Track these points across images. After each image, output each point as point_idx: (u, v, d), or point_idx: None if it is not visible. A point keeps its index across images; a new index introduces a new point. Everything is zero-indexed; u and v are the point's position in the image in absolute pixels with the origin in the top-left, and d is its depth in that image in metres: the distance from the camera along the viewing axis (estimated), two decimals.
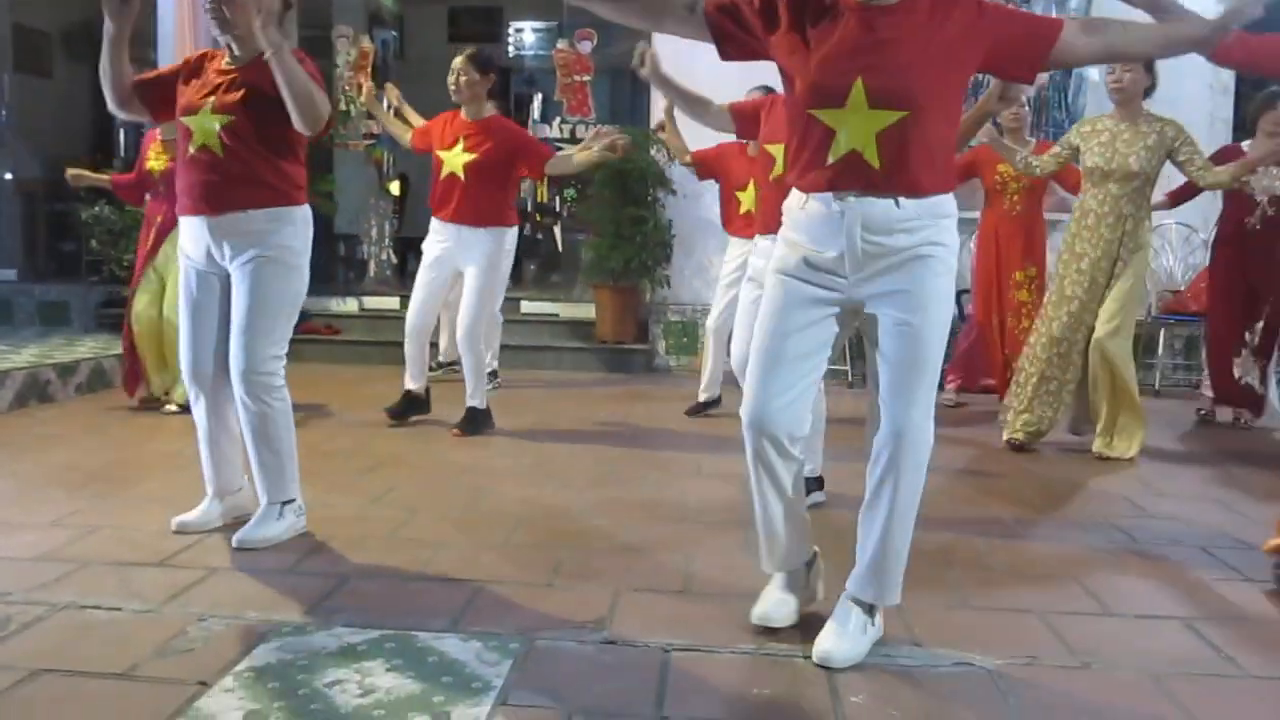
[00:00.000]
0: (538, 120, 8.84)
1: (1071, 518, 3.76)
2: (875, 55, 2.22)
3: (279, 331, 3.17)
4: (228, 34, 3.10)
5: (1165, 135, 4.54)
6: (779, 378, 2.34)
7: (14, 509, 3.53)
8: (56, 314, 8.12)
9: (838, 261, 2.30)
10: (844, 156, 2.25)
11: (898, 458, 2.29)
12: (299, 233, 3.19)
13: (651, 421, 5.53)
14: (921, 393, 2.29)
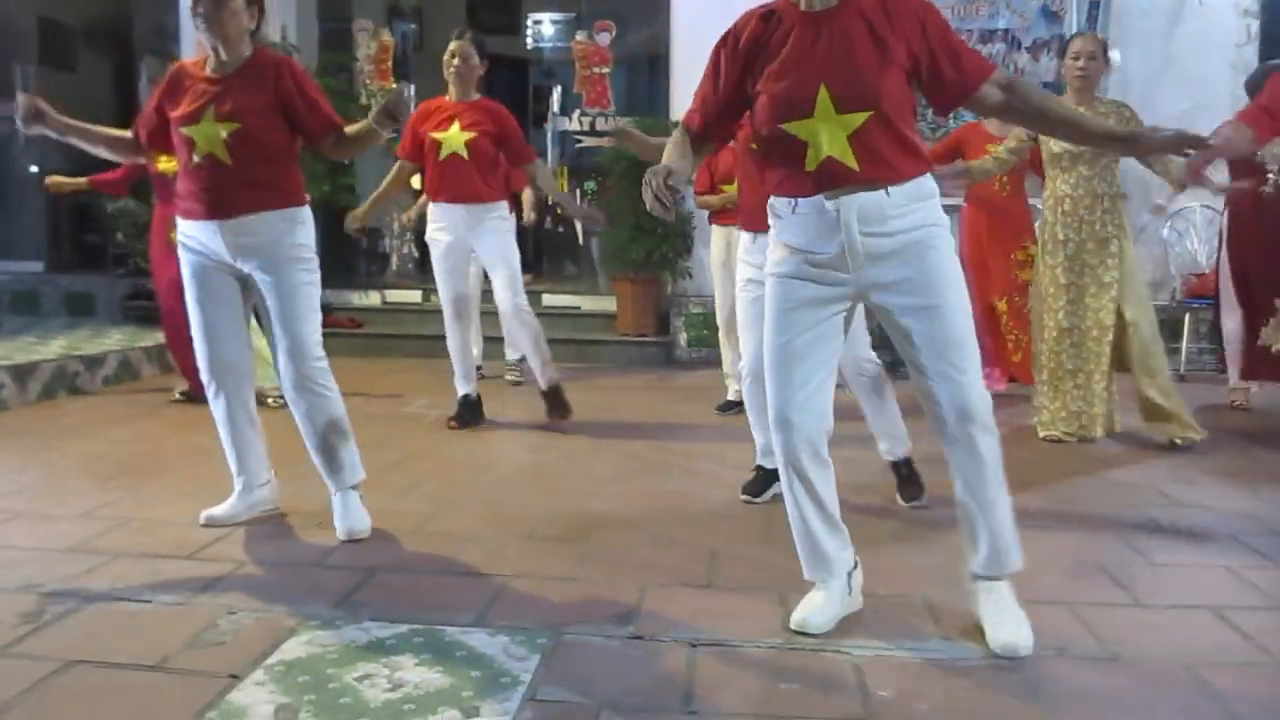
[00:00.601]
0: (557, 112, 8.83)
1: (1098, 507, 3.73)
2: (832, 61, 2.27)
3: (316, 319, 3.27)
4: (216, 38, 3.12)
5: (1123, 116, 4.60)
6: (795, 375, 2.40)
7: (45, 500, 3.58)
8: (83, 305, 8.19)
9: (838, 259, 2.34)
10: (822, 163, 2.29)
11: (970, 434, 2.32)
12: (308, 231, 3.28)
13: (674, 415, 5.53)
14: (967, 366, 2.32)
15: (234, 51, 3.16)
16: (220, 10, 3.07)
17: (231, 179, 3.11)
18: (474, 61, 4.82)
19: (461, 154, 4.75)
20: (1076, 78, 4.60)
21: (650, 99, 9.10)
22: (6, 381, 5.27)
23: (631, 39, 8.98)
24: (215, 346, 3.28)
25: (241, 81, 3.13)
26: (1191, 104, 7.13)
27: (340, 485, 3.29)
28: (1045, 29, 7.38)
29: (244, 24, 3.16)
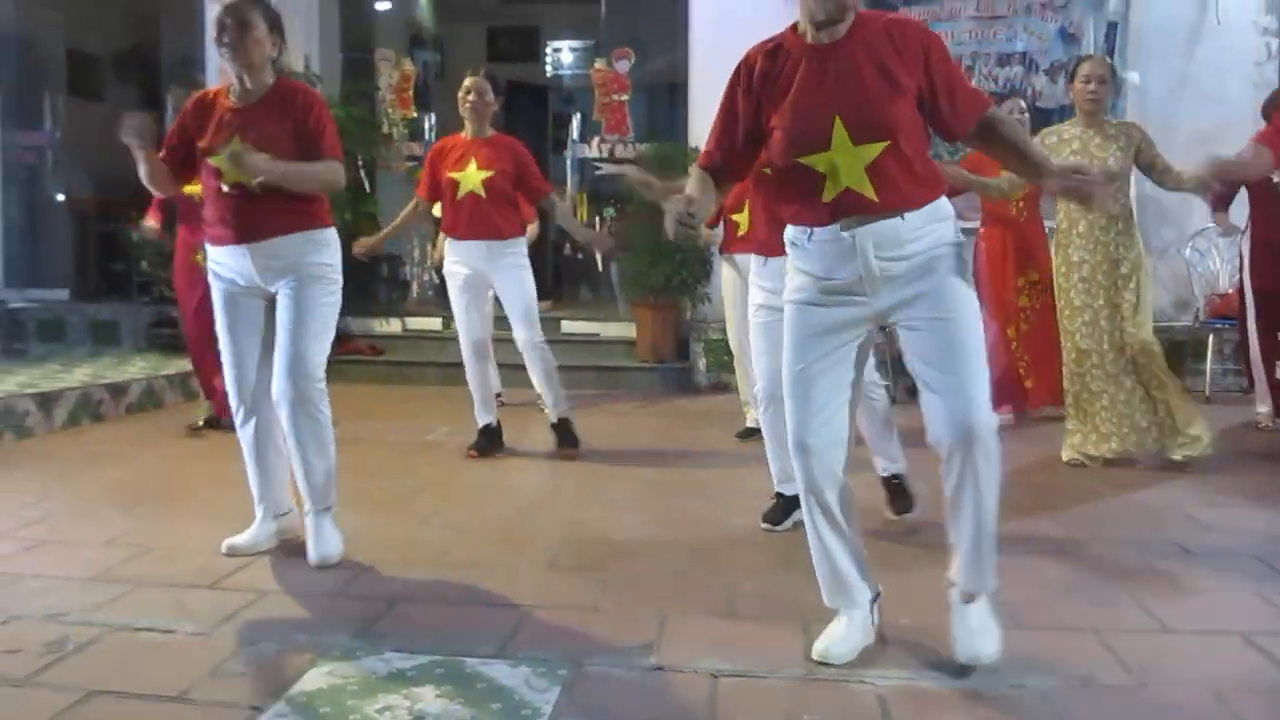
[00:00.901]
0: (576, 139, 8.88)
1: (1124, 531, 3.69)
2: (843, 93, 2.29)
3: (325, 340, 3.30)
4: (241, 66, 3.18)
5: (1133, 137, 4.64)
6: (814, 401, 2.40)
7: (69, 527, 3.60)
8: (108, 333, 8.25)
9: (855, 284, 2.35)
10: (840, 195, 2.30)
11: (970, 453, 2.28)
12: (334, 252, 3.34)
13: (693, 440, 5.52)
14: (974, 382, 2.30)
15: (257, 80, 3.21)
16: (245, 39, 3.13)
17: (259, 205, 3.17)
18: (489, 97, 4.84)
19: (479, 192, 4.76)
20: (1088, 101, 4.61)
21: (669, 125, 9.14)
22: (32, 409, 5.32)
23: (650, 66, 9.02)
24: (245, 372, 3.32)
25: (265, 110, 3.19)
26: (1212, 122, 7.11)
27: (316, 505, 3.30)
28: (1063, 51, 7.38)
29: (267, 52, 3.22)
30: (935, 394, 2.33)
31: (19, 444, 5.12)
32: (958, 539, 2.40)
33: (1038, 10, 7.43)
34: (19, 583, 2.99)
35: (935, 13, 7.46)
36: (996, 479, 2.34)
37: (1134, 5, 7.35)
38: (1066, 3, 7.39)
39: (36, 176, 9.22)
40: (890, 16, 2.42)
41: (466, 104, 4.84)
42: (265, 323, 3.33)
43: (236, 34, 3.12)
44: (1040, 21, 7.43)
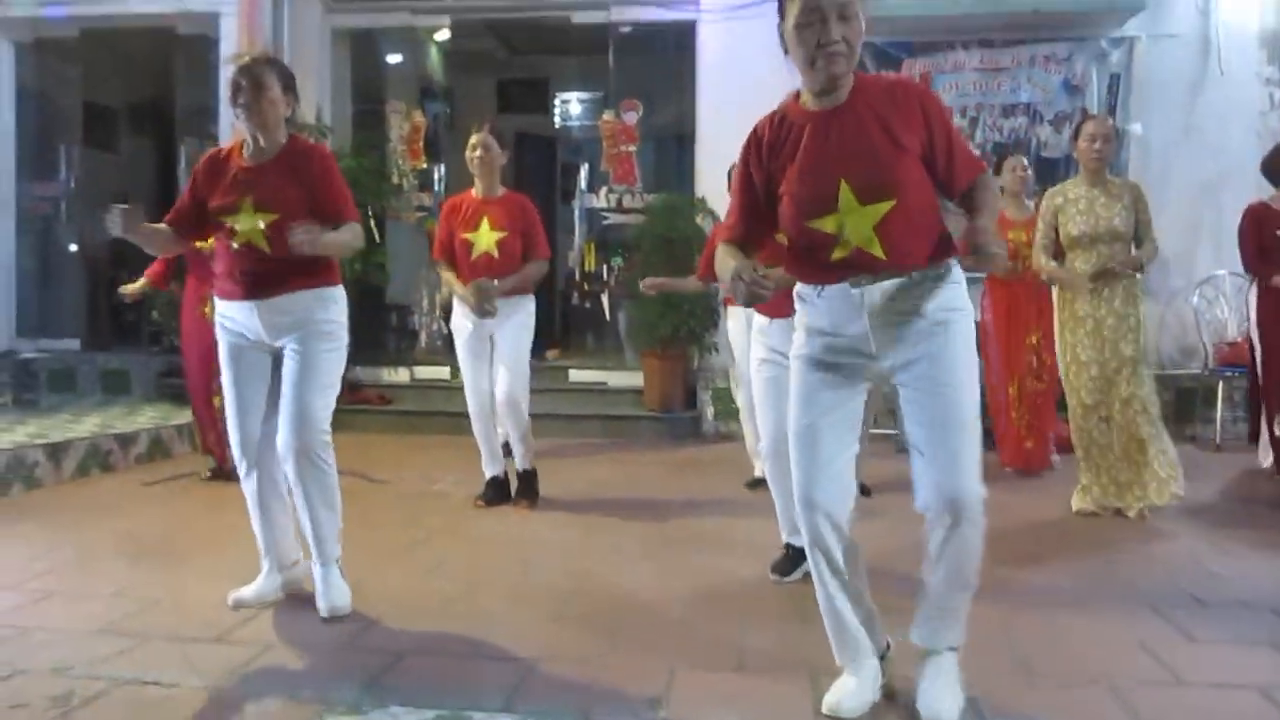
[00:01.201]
0: (585, 189, 8.96)
1: (1137, 581, 3.66)
2: (848, 155, 2.32)
3: (330, 396, 3.32)
4: (255, 126, 3.22)
5: (1135, 195, 4.72)
6: (820, 455, 2.42)
7: (77, 579, 3.60)
8: (118, 383, 8.30)
9: (862, 340, 2.38)
10: (849, 255, 2.34)
11: (955, 522, 2.31)
12: (341, 309, 3.37)
13: (702, 490, 5.51)
14: (964, 453, 2.32)
15: (271, 139, 3.25)
16: (260, 100, 3.18)
17: (270, 263, 3.20)
18: (495, 151, 4.87)
19: (493, 253, 4.79)
20: (1093, 159, 4.67)
21: (677, 176, 9.23)
22: (41, 459, 5.33)
23: (658, 118, 9.11)
24: (249, 425, 3.34)
25: (278, 170, 3.22)
26: (1215, 172, 7.19)
27: (323, 558, 3.30)
28: (1067, 102, 7.46)
29: (281, 112, 3.26)
30: (926, 462, 2.34)
31: (28, 495, 5.13)
32: (926, 593, 2.44)
33: (1041, 62, 7.51)
34: (26, 635, 2.99)
35: (939, 64, 7.55)
36: (979, 549, 2.37)
37: (1136, 57, 7.44)
38: (1069, 55, 7.48)
39: (51, 227, 9.32)
40: (890, 78, 2.48)
41: (474, 159, 4.88)
42: (270, 377, 3.35)
43: (251, 95, 3.16)
44: (1044, 73, 7.51)
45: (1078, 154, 4.76)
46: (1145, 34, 7.39)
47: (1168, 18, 7.41)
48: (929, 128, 2.33)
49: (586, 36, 8.72)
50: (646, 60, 9.10)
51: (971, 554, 2.36)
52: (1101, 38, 7.46)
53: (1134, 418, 4.62)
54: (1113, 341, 4.66)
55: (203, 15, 8.29)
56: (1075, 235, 4.70)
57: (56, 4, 8.50)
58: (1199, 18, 7.41)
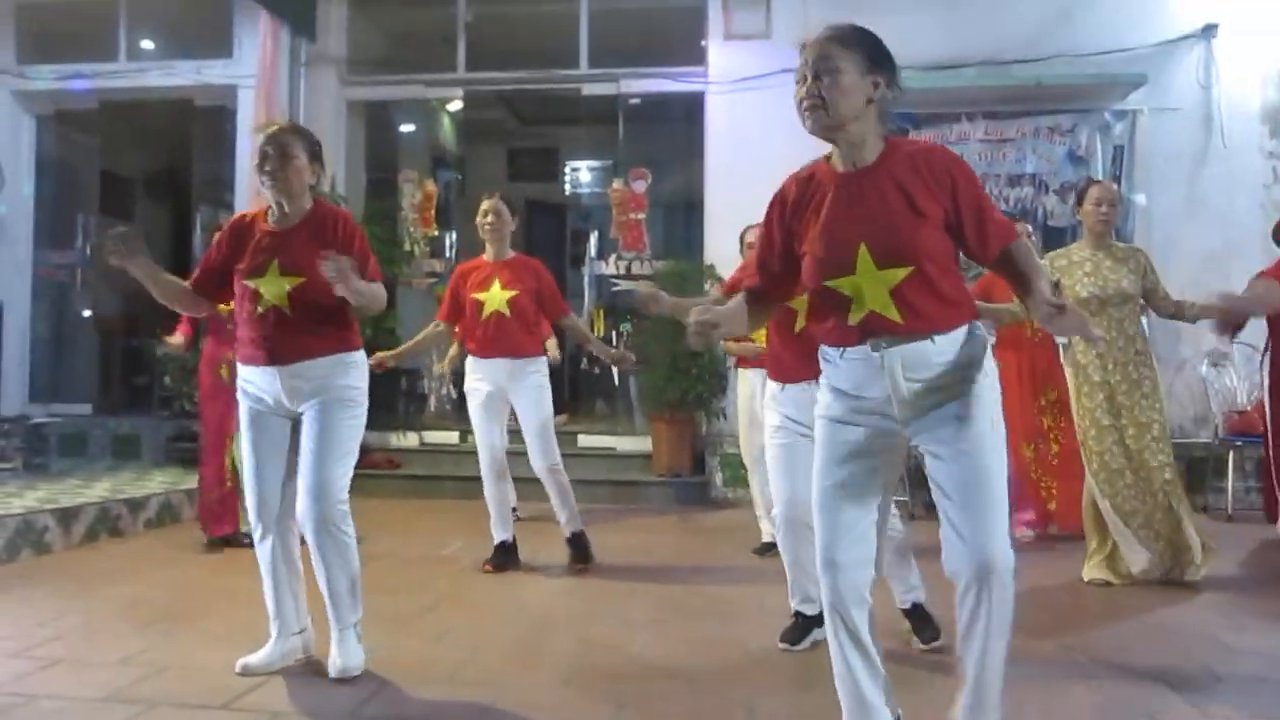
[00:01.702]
0: (594, 256, 9.05)
1: (1151, 655, 3.61)
2: (869, 219, 2.34)
3: (349, 464, 3.34)
4: (280, 194, 3.28)
5: (1140, 261, 4.74)
6: (843, 518, 2.39)
7: (84, 645, 3.59)
8: (129, 447, 8.32)
9: (884, 403, 2.37)
10: (865, 317, 2.35)
11: (985, 590, 2.30)
12: (362, 375, 3.40)
13: (710, 556, 5.49)
14: (993, 518, 2.30)
15: (296, 205, 3.31)
16: (286, 168, 3.25)
17: (293, 328, 3.24)
18: (506, 217, 4.96)
19: (504, 311, 4.86)
20: (1099, 223, 4.72)
21: (685, 243, 9.32)
22: (51, 524, 5.34)
23: (666, 186, 9.25)
24: (266, 490, 3.35)
25: (304, 235, 3.27)
26: (1221, 243, 7.25)
27: (341, 623, 3.32)
28: (1072, 172, 7.54)
29: (306, 179, 3.32)
30: (954, 528, 2.33)
31: (37, 559, 5.13)
32: (964, 674, 2.39)
33: (1045, 134, 7.62)
34: (33, 704, 2.98)
35: (945, 135, 7.65)
36: (1009, 617, 2.34)
37: (1140, 129, 7.55)
38: (1073, 126, 7.58)
39: (66, 294, 9.43)
40: (920, 144, 2.50)
41: (485, 226, 4.97)
42: (290, 442, 3.36)
43: (278, 163, 3.23)
44: (1048, 144, 7.61)
45: (1083, 217, 4.80)
46: (1148, 107, 7.50)
47: (1170, 92, 7.52)
48: (955, 195, 2.34)
49: (596, 107, 8.89)
50: (655, 130, 9.26)
51: (1002, 624, 2.33)
52: (1105, 110, 7.57)
53: (1163, 485, 4.59)
54: (1129, 407, 4.65)
55: (221, 88, 8.49)
56: (1085, 297, 4.68)
57: (78, 77, 8.71)
58: (1200, 92, 7.52)
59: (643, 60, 8.60)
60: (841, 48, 2.36)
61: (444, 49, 8.92)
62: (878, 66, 2.39)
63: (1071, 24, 7.56)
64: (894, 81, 2.42)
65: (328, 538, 3.26)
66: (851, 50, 2.37)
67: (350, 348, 3.36)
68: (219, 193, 9.15)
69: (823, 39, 2.39)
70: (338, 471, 3.29)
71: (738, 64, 7.97)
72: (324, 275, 3.07)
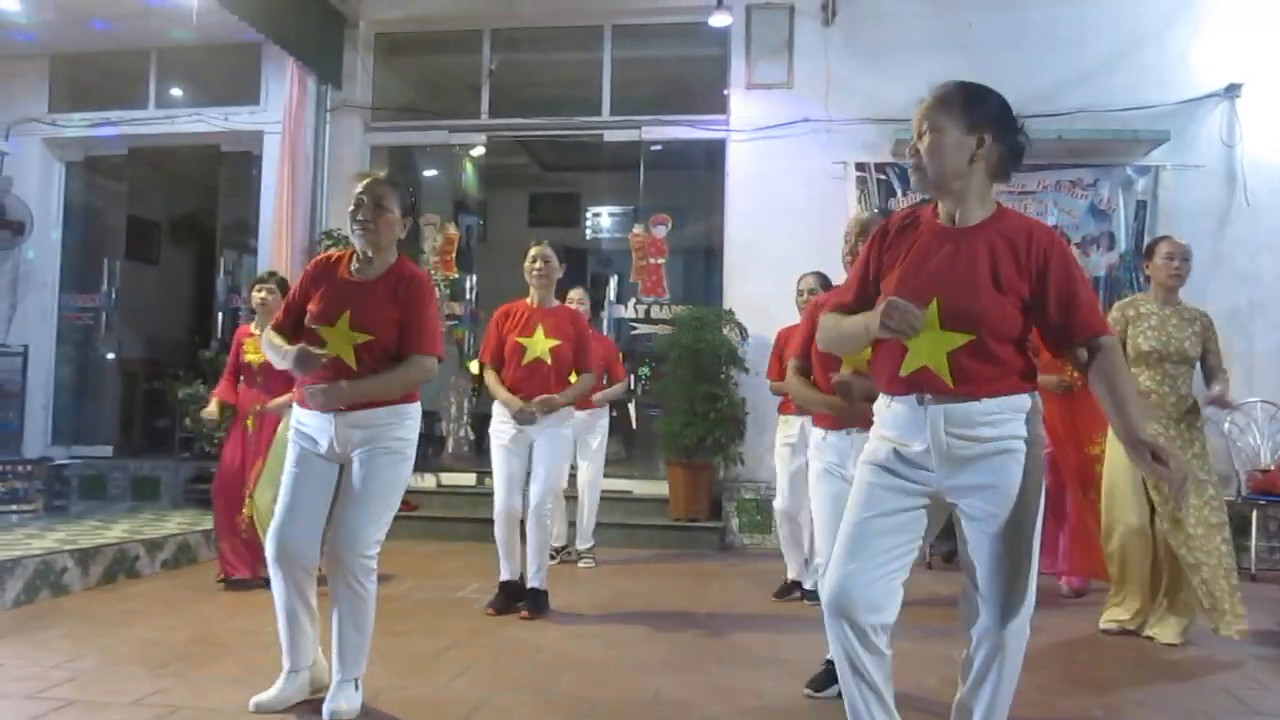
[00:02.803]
0: (614, 300, 9.08)
1: (1169, 713, 3.56)
2: (950, 277, 2.34)
3: (385, 518, 3.31)
4: (369, 245, 3.30)
5: (1205, 324, 4.72)
6: (861, 558, 2.34)
7: (99, 687, 3.58)
8: (148, 489, 8.37)
9: (924, 455, 2.35)
10: (916, 371, 2.35)
11: (1002, 652, 2.31)
12: (414, 426, 3.37)
13: (726, 603, 5.45)
14: (1022, 589, 2.31)
15: (381, 258, 3.33)
16: (379, 219, 3.26)
17: (353, 378, 3.23)
18: (554, 264, 5.08)
19: (545, 359, 4.93)
20: (1171, 278, 4.69)
21: (705, 288, 9.35)
22: (70, 565, 5.36)
23: (687, 231, 9.30)
24: (293, 527, 3.29)
25: (380, 291, 3.28)
26: (1246, 301, 7.20)
27: (343, 673, 3.28)
28: (1094, 226, 7.53)
29: (397, 233, 3.34)
30: (979, 592, 2.33)
31: (55, 601, 5.14)
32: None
33: (1067, 188, 7.61)
34: None
35: None
36: (1015, 681, 2.35)
37: (1163, 185, 7.52)
38: (1095, 181, 7.57)
39: (90, 337, 9.53)
40: (1030, 221, 2.46)
41: (534, 271, 5.06)
42: (332, 488, 3.33)
43: (371, 214, 3.25)
44: (1070, 198, 7.61)
45: (1151, 272, 4.76)
46: (1170, 164, 7.48)
47: (1193, 149, 7.50)
48: (1046, 274, 2.32)
49: (618, 153, 8.96)
50: (676, 176, 9.33)
51: (1007, 691, 2.35)
52: (1127, 165, 7.56)
53: (1220, 544, 4.49)
54: (1185, 463, 4.55)
55: (247, 134, 8.63)
56: (1146, 350, 4.64)
57: (108, 124, 8.87)
58: (1224, 149, 7.49)
59: (665, 107, 8.69)
60: (944, 106, 2.38)
61: (468, 96, 9.05)
62: (984, 123, 2.38)
63: (1094, 80, 7.58)
64: (1006, 136, 2.41)
65: (346, 588, 3.23)
66: (953, 108, 2.37)
67: (408, 399, 3.36)
68: (243, 237, 9.27)
69: (930, 99, 2.41)
70: (371, 527, 3.25)
71: (759, 113, 8.04)
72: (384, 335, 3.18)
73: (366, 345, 3.23)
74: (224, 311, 9.04)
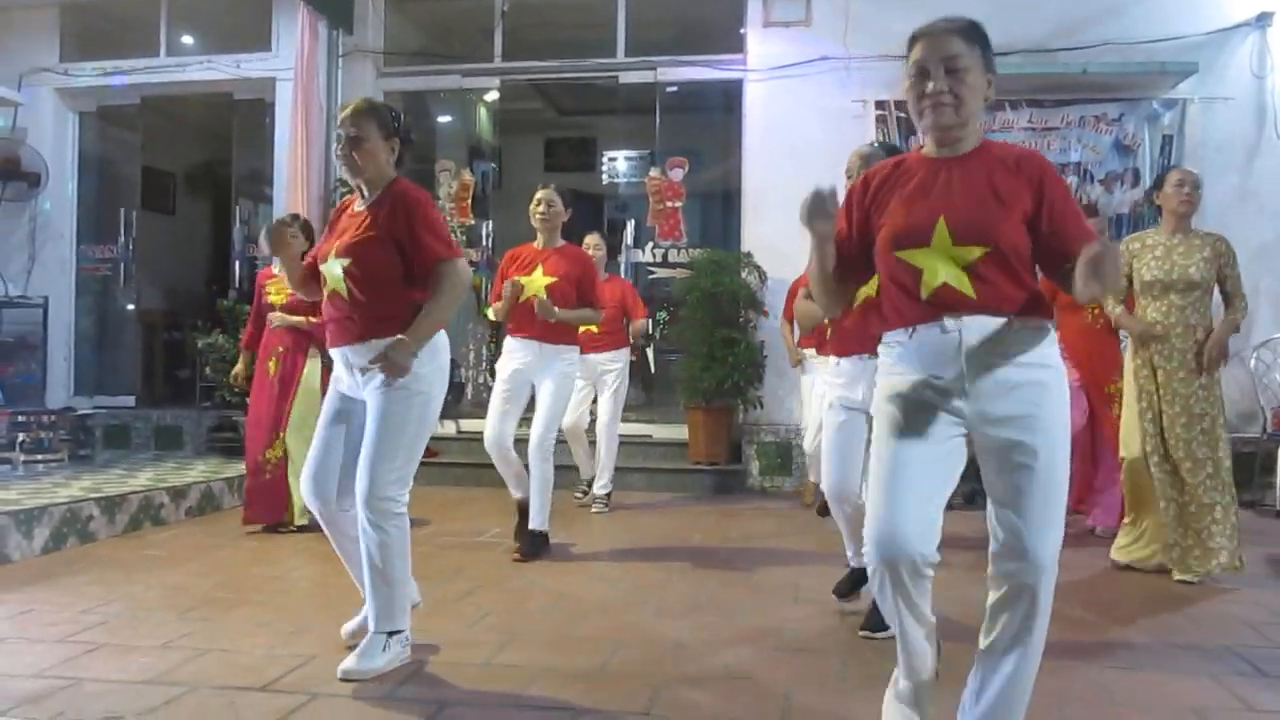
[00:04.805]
0: (631, 245, 9.02)
1: (1191, 646, 3.55)
2: (952, 196, 2.32)
3: (401, 457, 3.18)
4: (358, 178, 3.27)
5: (1218, 249, 4.61)
6: (907, 499, 2.26)
7: (127, 631, 3.63)
8: (171, 438, 8.45)
9: (955, 382, 2.27)
10: (937, 290, 2.28)
11: (1035, 596, 2.23)
12: (425, 359, 3.19)
13: (746, 543, 5.46)
14: (1054, 527, 2.24)
15: (373, 187, 3.27)
16: (354, 151, 3.21)
17: (353, 309, 3.19)
18: (558, 208, 5.15)
19: (542, 297, 4.96)
20: (1182, 204, 4.61)
21: (723, 232, 9.28)
22: (96, 514, 5.41)
23: (704, 174, 9.21)
24: (314, 465, 3.30)
25: (367, 217, 3.21)
26: (1274, 237, 7.09)
27: (374, 626, 3.21)
28: (1118, 162, 7.41)
29: (382, 159, 3.26)
30: (1011, 533, 2.25)
31: (82, 548, 5.20)
32: (990, 678, 2.32)
33: (1091, 123, 7.48)
34: (77, 686, 3.02)
35: (987, 123, 7.54)
36: (1049, 606, 2.27)
37: (1189, 119, 7.38)
38: (1120, 116, 7.44)
39: (108, 288, 9.56)
40: (1019, 148, 2.45)
41: (538, 215, 5.15)
42: (357, 432, 3.27)
43: (348, 146, 3.21)
44: (1094, 134, 7.47)
45: (1163, 201, 4.68)
46: (1198, 97, 7.34)
47: (1222, 81, 7.35)
48: (1043, 195, 2.30)
49: (634, 96, 8.85)
50: (693, 118, 9.21)
51: (1043, 614, 2.26)
52: (1153, 99, 7.42)
53: (1204, 480, 4.49)
54: (1184, 396, 4.53)
55: (259, 81, 8.57)
56: (1148, 281, 4.61)
57: (120, 74, 8.81)
58: (1254, 81, 7.33)
59: (680, 48, 8.57)
60: (967, 44, 2.33)
61: (480, 39, 8.94)
62: (991, 64, 2.38)
63: (1120, 11, 7.41)
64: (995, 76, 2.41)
65: (372, 529, 3.14)
66: (975, 47, 2.34)
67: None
68: (259, 186, 9.24)
69: (948, 32, 2.35)
70: (382, 468, 3.13)
71: (777, 52, 7.92)
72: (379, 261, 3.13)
73: (350, 273, 3.15)
74: (241, 261, 9.03)
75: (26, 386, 8.55)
